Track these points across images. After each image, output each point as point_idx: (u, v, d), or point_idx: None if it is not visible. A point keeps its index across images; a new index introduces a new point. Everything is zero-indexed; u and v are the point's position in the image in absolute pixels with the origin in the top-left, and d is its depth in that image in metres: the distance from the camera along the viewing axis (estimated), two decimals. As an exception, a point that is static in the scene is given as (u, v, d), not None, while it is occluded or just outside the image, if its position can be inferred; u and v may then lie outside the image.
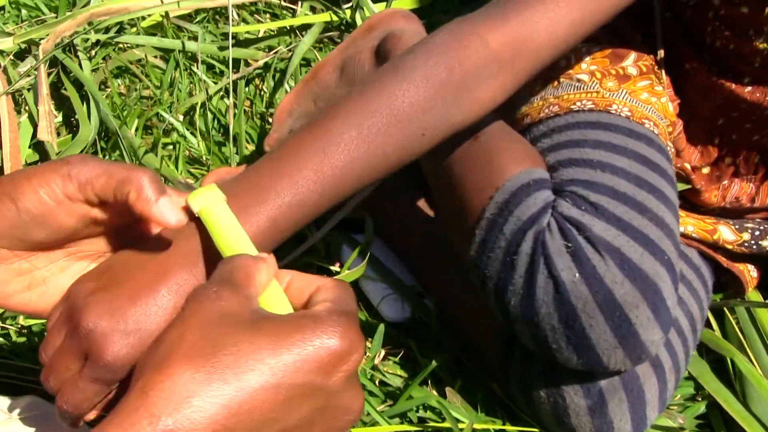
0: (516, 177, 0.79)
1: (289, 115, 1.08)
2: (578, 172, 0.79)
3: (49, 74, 1.28)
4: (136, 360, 0.56)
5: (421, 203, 1.07)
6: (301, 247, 0.83)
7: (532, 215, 0.76)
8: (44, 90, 1.22)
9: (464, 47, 0.72)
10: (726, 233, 0.94)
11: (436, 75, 0.71)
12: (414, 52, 0.72)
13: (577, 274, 0.72)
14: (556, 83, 0.90)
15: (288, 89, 1.32)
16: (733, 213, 0.96)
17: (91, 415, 0.60)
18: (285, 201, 0.64)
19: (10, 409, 0.70)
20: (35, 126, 1.22)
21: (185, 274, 0.59)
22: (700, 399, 0.96)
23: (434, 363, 0.93)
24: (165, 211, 0.57)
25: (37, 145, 1.21)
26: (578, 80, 0.88)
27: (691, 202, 0.96)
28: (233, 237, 0.59)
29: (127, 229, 0.63)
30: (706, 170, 0.94)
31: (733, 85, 0.88)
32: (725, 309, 1.00)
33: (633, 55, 0.91)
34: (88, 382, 0.57)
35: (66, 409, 0.58)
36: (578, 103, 0.86)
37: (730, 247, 0.94)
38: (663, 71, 0.93)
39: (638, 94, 0.87)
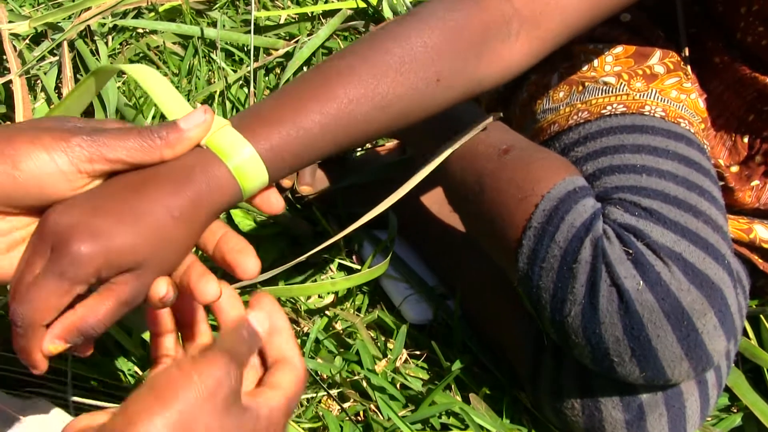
0: (560, 184, 0.76)
1: None
2: (623, 178, 0.75)
3: (64, 59, 1.25)
4: (103, 261, 0.51)
5: (446, 202, 1.04)
6: (323, 245, 0.80)
7: (585, 221, 0.73)
8: (68, 72, 1.19)
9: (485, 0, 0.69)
10: (762, 232, 0.90)
11: (454, 21, 0.68)
12: (431, 2, 0.69)
13: (641, 282, 0.69)
14: (580, 87, 0.86)
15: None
16: (767, 213, 0.92)
17: (52, 345, 0.53)
18: (286, 130, 0.60)
19: (21, 412, 0.68)
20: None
21: (170, 182, 0.55)
22: (735, 411, 0.93)
23: (457, 367, 0.90)
24: (194, 126, 0.57)
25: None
26: (605, 83, 0.85)
27: (724, 201, 0.92)
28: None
29: None
30: (735, 169, 0.91)
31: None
32: (761, 316, 0.97)
33: (658, 53, 0.88)
34: (49, 276, 0.51)
35: (20, 312, 0.51)
36: (609, 108, 0.82)
37: (767, 246, 0.90)
38: (689, 66, 0.89)
39: (668, 92, 0.84)
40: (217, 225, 0.59)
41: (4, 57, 1.20)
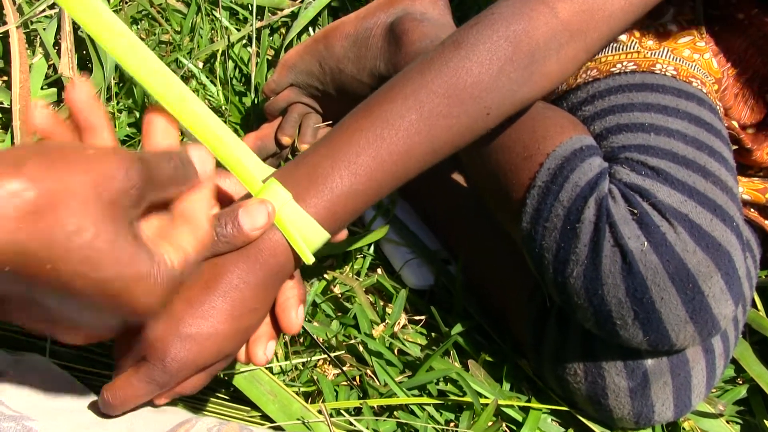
0: (566, 143, 0.74)
1: (291, 69, 1.03)
2: (630, 137, 0.73)
3: (64, 15, 1.22)
4: (193, 369, 0.58)
5: (450, 164, 1.02)
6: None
7: (590, 180, 0.71)
8: (67, 26, 1.16)
9: (532, 19, 0.68)
10: None
11: (502, 50, 0.67)
12: (477, 25, 0.68)
13: (645, 243, 0.67)
14: None
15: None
16: None
17: (160, 401, 0.61)
18: (343, 191, 0.62)
19: (11, 367, 0.67)
20: (50, 67, 1.16)
21: (240, 270, 0.58)
22: (740, 382, 0.91)
23: (457, 333, 0.88)
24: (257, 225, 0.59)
25: (51, 86, 1.16)
26: (616, 40, 0.82)
27: (740, 163, 0.89)
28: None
29: None
30: (751, 130, 0.88)
31: None
32: (771, 287, 0.94)
33: (672, 10, 0.85)
34: (144, 382, 0.58)
35: (111, 402, 0.59)
36: (619, 65, 0.80)
37: None
38: (704, 26, 0.86)
39: (680, 51, 0.81)
40: None
41: (4, 12, 1.18)
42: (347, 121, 0.65)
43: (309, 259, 0.60)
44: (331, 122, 1.06)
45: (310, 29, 1.27)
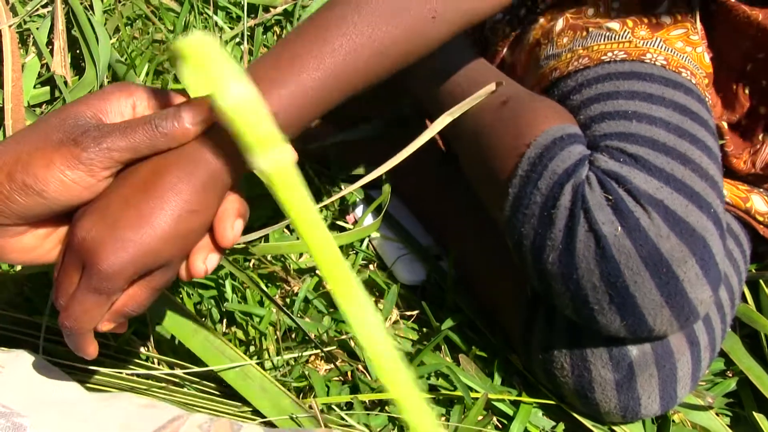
0: (548, 132, 0.74)
1: None
2: (612, 125, 0.74)
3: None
4: (132, 271, 0.55)
5: (441, 160, 1.02)
6: (319, 205, 0.78)
7: (568, 168, 0.71)
8: (60, 25, 1.17)
9: None
10: (759, 203, 0.88)
11: None
12: None
13: (619, 228, 0.68)
14: (584, 33, 0.84)
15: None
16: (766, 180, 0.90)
17: (103, 326, 0.58)
18: (288, 91, 0.59)
19: (3, 363, 0.67)
20: (42, 66, 1.17)
21: (179, 170, 0.56)
22: (730, 375, 0.91)
23: (448, 327, 0.88)
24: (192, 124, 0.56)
25: (44, 84, 1.16)
26: (608, 29, 0.82)
27: (724, 164, 0.90)
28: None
29: None
30: (745, 121, 0.88)
31: (760, 16, 0.82)
32: (761, 281, 0.94)
33: (666, 2, 0.85)
34: (87, 293, 0.55)
35: (67, 325, 0.56)
36: (609, 54, 0.80)
37: (761, 219, 0.88)
38: (698, 21, 0.86)
39: (673, 42, 0.81)
40: None
41: (-3, 11, 1.18)
42: (292, 30, 0.64)
43: (256, 159, 0.56)
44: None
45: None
